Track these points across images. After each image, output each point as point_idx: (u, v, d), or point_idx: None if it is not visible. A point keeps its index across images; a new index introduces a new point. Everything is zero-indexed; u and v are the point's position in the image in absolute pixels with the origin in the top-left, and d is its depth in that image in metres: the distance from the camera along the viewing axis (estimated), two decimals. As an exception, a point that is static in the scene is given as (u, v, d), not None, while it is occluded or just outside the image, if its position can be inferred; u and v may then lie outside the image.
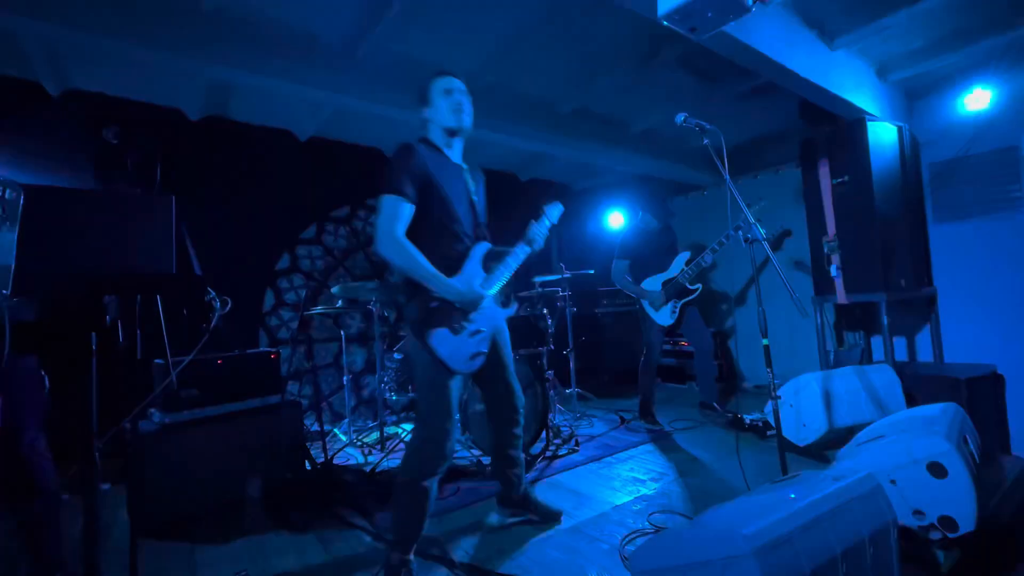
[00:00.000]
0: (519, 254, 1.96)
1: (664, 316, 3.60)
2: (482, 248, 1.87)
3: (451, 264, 1.77)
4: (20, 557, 1.73)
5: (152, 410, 2.45)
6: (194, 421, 2.43)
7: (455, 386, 1.75)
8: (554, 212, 2.14)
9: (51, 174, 2.96)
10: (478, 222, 1.92)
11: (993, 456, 2.44)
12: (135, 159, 1.43)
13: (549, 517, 2.16)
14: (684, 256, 3.66)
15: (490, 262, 1.90)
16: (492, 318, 1.88)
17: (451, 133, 1.90)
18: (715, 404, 3.76)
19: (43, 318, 1.24)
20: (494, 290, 1.87)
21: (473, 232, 1.88)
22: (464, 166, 1.97)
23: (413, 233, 1.71)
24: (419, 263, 1.66)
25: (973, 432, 2.06)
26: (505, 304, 1.97)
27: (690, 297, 3.60)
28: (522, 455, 2.14)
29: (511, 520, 2.16)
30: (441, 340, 1.70)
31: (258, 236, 3.84)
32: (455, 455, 3.02)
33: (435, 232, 1.76)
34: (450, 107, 1.86)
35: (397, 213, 1.66)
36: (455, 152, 1.95)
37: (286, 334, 3.90)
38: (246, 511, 2.36)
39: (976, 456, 1.90)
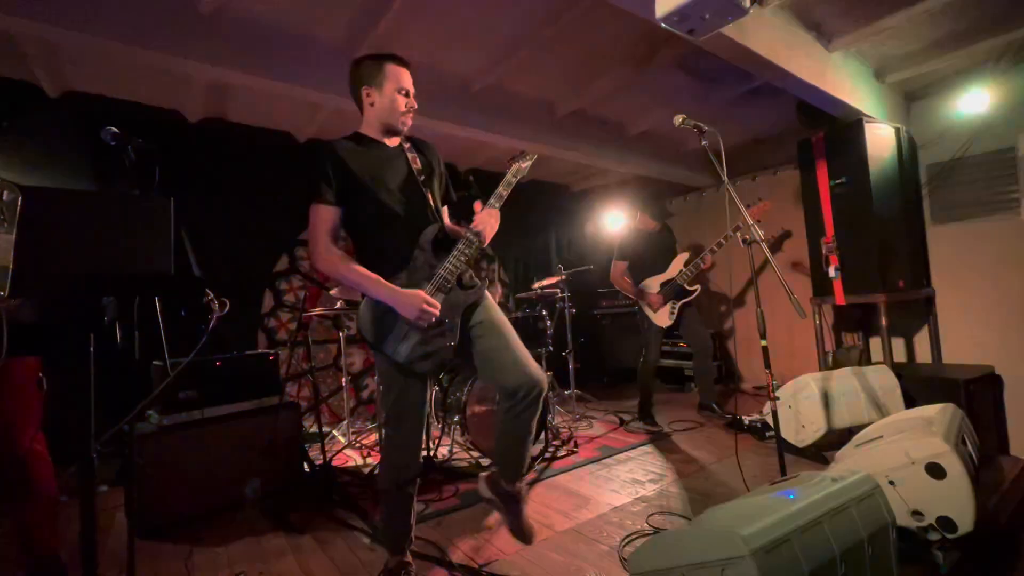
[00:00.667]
0: (468, 236, 1.68)
1: (662, 318, 3.60)
2: (431, 231, 1.67)
3: (399, 259, 1.63)
4: (19, 559, 1.72)
5: (150, 412, 2.44)
6: (192, 422, 2.42)
7: (419, 387, 1.66)
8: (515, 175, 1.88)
9: (49, 175, 2.96)
10: (426, 203, 1.71)
11: (991, 457, 2.45)
12: (133, 161, 1.42)
13: (521, 533, 1.81)
14: (683, 257, 3.67)
15: (440, 249, 1.69)
16: (456, 304, 1.67)
17: (391, 131, 1.73)
18: (714, 406, 3.76)
19: (41, 319, 1.23)
20: (445, 278, 1.64)
21: (426, 214, 1.69)
22: (404, 145, 1.77)
23: (360, 232, 1.66)
24: (356, 273, 1.57)
25: (971, 433, 2.06)
26: (467, 285, 1.73)
27: (688, 298, 3.61)
28: (529, 451, 1.80)
29: (487, 501, 1.82)
30: (396, 340, 1.59)
31: (256, 237, 3.84)
32: (453, 458, 3.02)
33: (376, 228, 1.64)
34: (400, 113, 1.70)
35: (321, 220, 1.58)
36: (390, 138, 1.76)
37: (285, 335, 3.89)
38: (244, 512, 2.36)
39: (974, 457, 1.91)
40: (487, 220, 1.71)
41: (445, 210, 1.85)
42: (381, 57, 1.71)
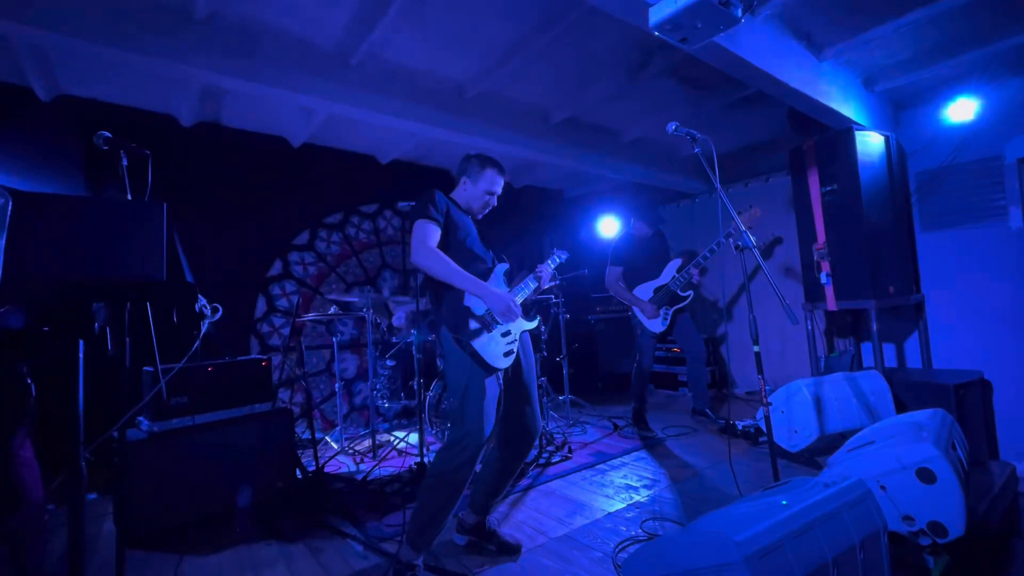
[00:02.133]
0: (530, 283, 2.07)
1: (655, 324, 3.62)
2: (502, 267, 2.03)
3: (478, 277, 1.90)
4: (4, 568, 1.69)
5: (141, 418, 2.42)
6: (183, 429, 2.39)
7: (492, 385, 1.82)
8: (561, 255, 2.30)
9: (41, 180, 2.94)
10: (492, 256, 2.09)
11: (982, 462, 2.47)
12: (126, 165, 1.42)
13: (507, 550, 2.00)
14: (675, 263, 3.68)
15: (509, 279, 2.06)
16: (518, 325, 1.95)
17: (469, 213, 2.08)
18: (707, 411, 3.77)
19: (31, 325, 1.22)
20: (519, 298, 1.97)
21: (490, 256, 2.06)
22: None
23: (450, 256, 1.86)
24: (454, 269, 1.80)
25: (962, 438, 2.08)
26: (528, 316, 2.03)
27: (681, 304, 3.63)
28: (508, 486, 2.08)
29: (468, 544, 2.06)
30: (479, 337, 1.79)
31: (250, 243, 3.82)
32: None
33: (459, 258, 1.88)
34: (483, 204, 2.07)
35: (427, 232, 1.83)
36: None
37: (278, 341, 3.87)
38: (236, 520, 2.33)
39: (965, 462, 1.92)
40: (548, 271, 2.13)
41: None
42: (486, 161, 2.07)
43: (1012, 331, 3.28)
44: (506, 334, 1.88)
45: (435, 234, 1.85)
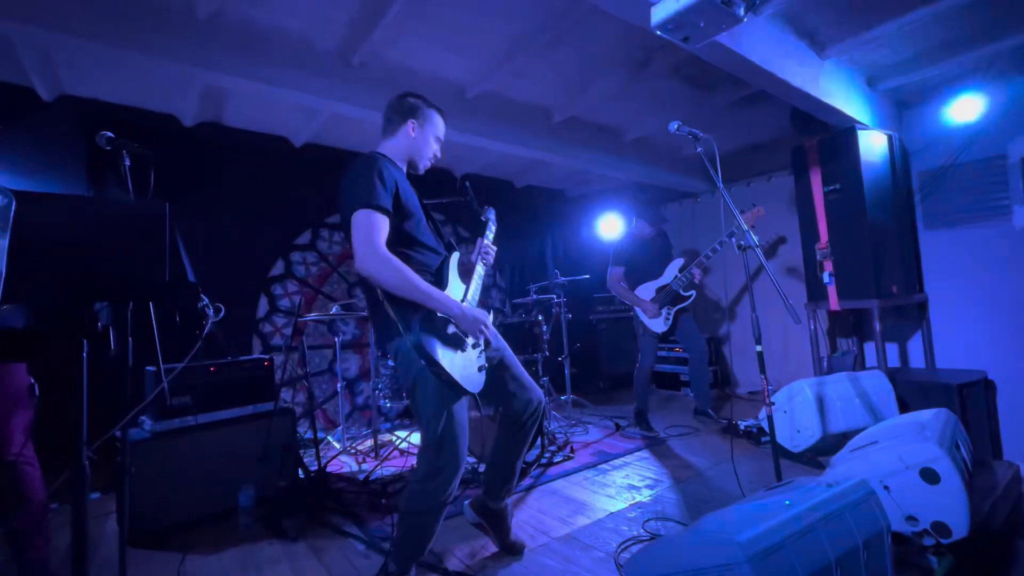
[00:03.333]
0: (479, 270, 1.84)
1: (657, 324, 3.61)
2: (455, 257, 1.77)
3: (434, 276, 1.68)
4: (8, 567, 1.70)
5: (143, 418, 2.42)
6: (186, 429, 2.40)
7: (464, 406, 1.66)
8: (491, 216, 2.01)
9: (43, 180, 2.94)
10: (439, 229, 1.84)
11: (985, 461, 2.46)
12: (128, 165, 1.42)
13: (508, 547, 1.97)
14: (678, 263, 3.68)
15: (463, 272, 1.81)
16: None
17: (411, 167, 1.82)
18: (710, 411, 3.77)
19: (33, 325, 1.22)
20: (474, 301, 1.76)
21: (438, 240, 1.80)
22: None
23: (389, 245, 1.57)
24: (412, 280, 1.52)
25: (965, 438, 2.07)
26: (484, 304, 1.89)
27: (684, 304, 3.62)
28: (521, 467, 1.96)
29: (475, 525, 2.01)
30: (452, 362, 1.55)
31: (252, 242, 3.82)
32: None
33: (410, 244, 1.66)
34: (431, 155, 1.83)
35: (374, 224, 1.51)
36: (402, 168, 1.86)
37: (280, 341, 3.88)
38: (238, 520, 2.34)
39: (968, 462, 1.92)
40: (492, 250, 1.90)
41: None
42: (430, 104, 1.83)
43: (1016, 330, 3.26)
44: (476, 345, 1.68)
45: (384, 229, 1.53)
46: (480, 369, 1.68)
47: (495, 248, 1.93)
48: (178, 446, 2.35)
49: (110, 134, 1.43)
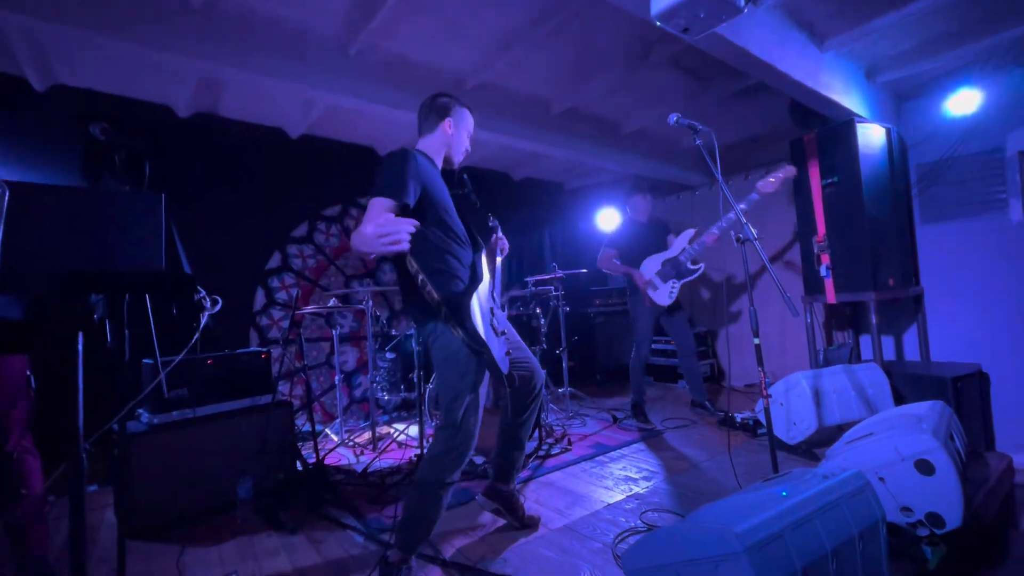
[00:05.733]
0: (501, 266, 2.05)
1: (662, 296, 3.53)
2: (481, 255, 1.86)
3: (469, 269, 1.79)
4: (8, 559, 1.70)
5: (141, 411, 2.42)
6: (183, 422, 2.40)
7: (483, 392, 1.78)
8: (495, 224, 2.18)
9: (37, 171, 2.91)
10: (472, 230, 1.92)
11: (979, 453, 2.48)
12: (123, 156, 1.40)
13: (527, 523, 2.11)
14: (688, 234, 3.57)
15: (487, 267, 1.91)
16: (504, 316, 1.93)
17: (447, 162, 1.94)
18: (707, 403, 3.79)
19: (30, 317, 1.22)
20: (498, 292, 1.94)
21: (470, 237, 1.90)
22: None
23: (422, 236, 1.64)
24: (367, 238, 1.48)
25: (959, 429, 2.09)
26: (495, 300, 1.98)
27: (690, 277, 3.52)
28: (526, 445, 2.10)
29: (493, 511, 2.11)
30: (489, 339, 1.66)
31: (248, 235, 3.80)
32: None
33: (443, 234, 1.76)
34: (465, 148, 1.96)
35: (376, 208, 1.56)
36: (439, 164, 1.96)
37: (277, 333, 3.87)
38: (236, 512, 2.34)
39: (962, 453, 1.93)
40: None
41: None
42: (462, 103, 1.96)
43: (1011, 324, 3.28)
44: (502, 333, 1.83)
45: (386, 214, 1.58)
46: (507, 353, 1.83)
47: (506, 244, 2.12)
48: (176, 439, 2.35)
49: (105, 125, 1.42)
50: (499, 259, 2.04)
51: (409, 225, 1.41)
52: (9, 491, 1.65)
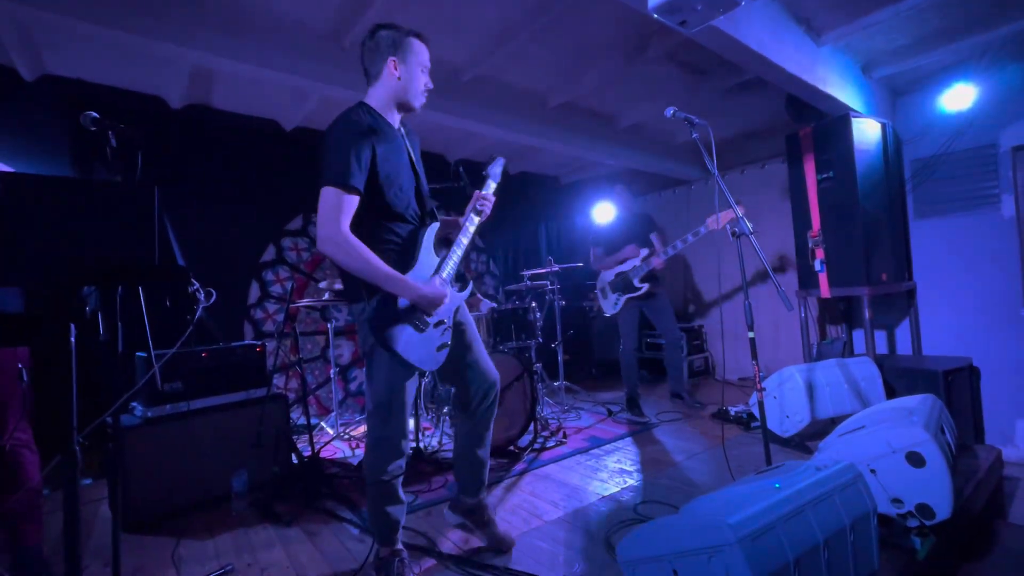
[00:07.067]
0: (468, 228, 1.73)
1: (608, 305, 3.78)
2: (432, 229, 1.66)
3: (402, 252, 1.59)
4: (2, 553, 1.70)
5: (135, 404, 2.41)
6: (178, 415, 2.39)
7: (412, 382, 1.66)
8: (496, 169, 1.88)
9: (26, 161, 2.87)
10: (422, 195, 1.70)
11: (968, 446, 2.52)
12: (114, 147, 1.38)
13: (498, 543, 1.87)
14: (643, 252, 3.71)
15: (441, 245, 1.70)
16: (451, 305, 1.69)
17: (404, 108, 1.67)
18: (684, 394, 3.86)
19: (30, 309, 1.20)
20: (450, 276, 1.68)
21: (419, 208, 1.68)
22: (400, 128, 1.70)
23: (357, 217, 1.50)
24: (372, 264, 1.47)
25: (950, 423, 2.12)
26: (462, 287, 1.76)
27: (634, 294, 3.67)
28: (489, 458, 1.92)
29: (459, 526, 2.03)
30: (408, 342, 1.53)
31: (242, 227, 3.78)
32: (443, 449, 3.02)
33: (382, 216, 1.58)
34: (422, 87, 1.65)
35: (341, 206, 1.45)
36: (393, 116, 1.68)
37: (272, 327, 3.85)
38: (232, 505, 2.34)
39: (953, 446, 1.96)
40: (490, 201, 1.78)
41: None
42: (405, 30, 1.63)
43: (1001, 318, 3.32)
44: (439, 324, 1.63)
45: (350, 209, 1.47)
46: (440, 348, 1.64)
47: (493, 199, 1.81)
48: (170, 432, 2.34)
49: (95, 114, 1.40)
50: (470, 224, 1.75)
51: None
52: (6, 483, 1.64)
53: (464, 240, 1.71)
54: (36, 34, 2.56)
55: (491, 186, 1.85)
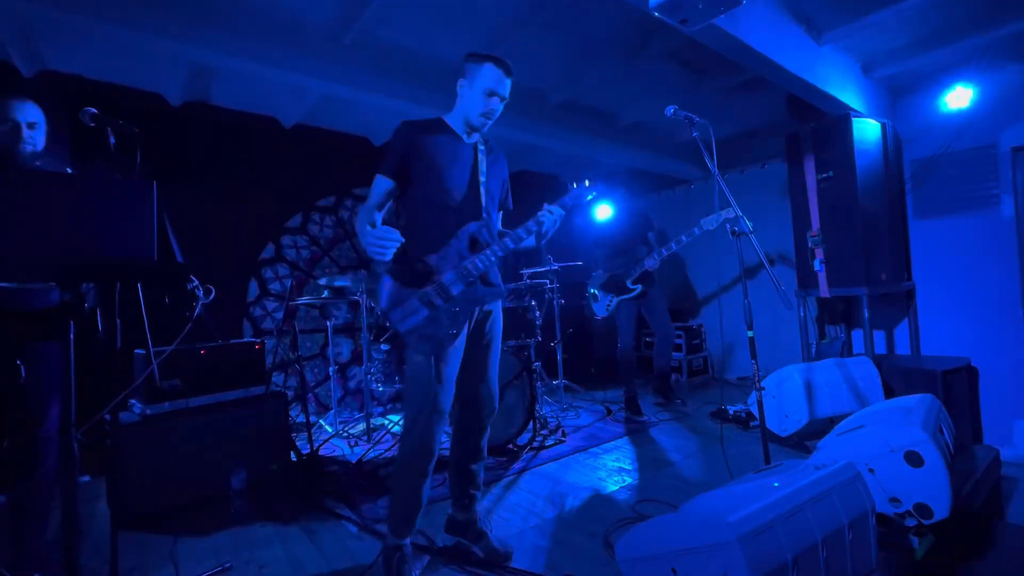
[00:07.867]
0: (522, 235, 1.76)
1: (600, 307, 3.78)
2: (473, 226, 1.72)
3: (435, 240, 1.68)
4: (3, 549, 1.69)
5: (133, 401, 2.40)
6: (176, 412, 2.38)
7: (448, 357, 1.64)
8: (580, 194, 1.92)
9: (25, 158, 2.86)
10: (481, 204, 1.75)
11: (966, 446, 2.52)
12: (114, 143, 1.38)
13: (495, 558, 1.80)
14: (640, 258, 3.74)
15: (476, 245, 1.74)
16: (473, 298, 1.70)
17: (469, 127, 1.80)
18: (666, 394, 3.94)
19: (65, 303, 1.20)
20: (475, 272, 1.69)
21: (476, 211, 1.74)
22: (481, 147, 1.83)
23: (413, 210, 1.72)
24: (359, 221, 1.67)
25: (948, 422, 2.12)
26: (491, 283, 1.77)
27: (627, 296, 3.68)
28: (482, 470, 1.90)
29: (455, 545, 1.92)
30: (404, 313, 1.63)
31: (242, 225, 3.77)
32: (441, 446, 3.02)
33: (429, 210, 1.71)
34: (484, 112, 1.76)
35: (374, 189, 1.70)
36: (465, 130, 1.81)
37: (271, 324, 3.85)
38: (230, 503, 2.34)
39: (951, 445, 1.96)
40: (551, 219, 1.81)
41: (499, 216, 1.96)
42: (483, 56, 1.77)
43: (1000, 318, 3.32)
44: (445, 308, 1.65)
45: (377, 192, 1.68)
46: (430, 336, 1.65)
47: (557, 213, 1.84)
48: (169, 429, 2.33)
49: (94, 111, 1.39)
50: (524, 227, 1.77)
51: (395, 243, 1.53)
52: (21, 465, 1.63)
53: (498, 249, 1.72)
54: (34, 28, 2.55)
55: (556, 212, 1.84)
